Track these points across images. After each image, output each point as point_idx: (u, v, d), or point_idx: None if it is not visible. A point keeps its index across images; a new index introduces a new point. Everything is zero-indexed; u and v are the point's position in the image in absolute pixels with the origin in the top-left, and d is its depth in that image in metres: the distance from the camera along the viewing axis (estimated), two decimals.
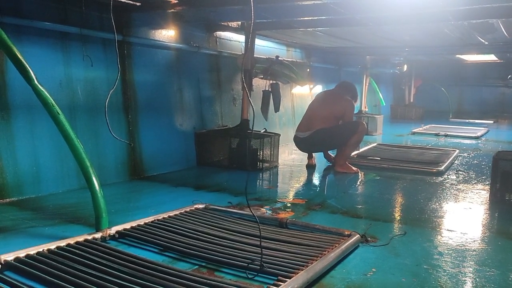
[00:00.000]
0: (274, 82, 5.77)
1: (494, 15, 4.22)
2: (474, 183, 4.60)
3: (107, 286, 1.97)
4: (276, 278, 2.09)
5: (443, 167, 5.19)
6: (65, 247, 2.40)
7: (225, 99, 5.81)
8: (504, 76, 12.14)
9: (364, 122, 5.36)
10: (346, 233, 2.74)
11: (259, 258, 2.20)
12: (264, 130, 5.42)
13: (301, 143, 5.18)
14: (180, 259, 2.41)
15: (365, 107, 9.24)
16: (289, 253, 2.41)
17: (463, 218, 3.42)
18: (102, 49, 4.13)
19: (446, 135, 8.73)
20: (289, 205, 3.64)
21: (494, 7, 3.99)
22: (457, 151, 6.52)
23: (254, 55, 5.45)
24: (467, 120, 11.81)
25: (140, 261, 2.24)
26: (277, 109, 5.80)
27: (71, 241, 2.47)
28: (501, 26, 5.10)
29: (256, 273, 2.16)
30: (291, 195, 4.08)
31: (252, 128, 2.25)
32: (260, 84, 6.06)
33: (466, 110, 12.89)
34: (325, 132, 4.97)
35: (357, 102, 5.50)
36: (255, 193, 3.99)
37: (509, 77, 11.98)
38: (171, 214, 3.08)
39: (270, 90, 5.68)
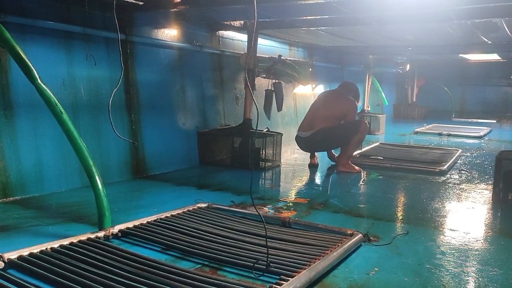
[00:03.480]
0: (277, 81, 5.77)
1: (498, 14, 4.21)
2: (477, 183, 4.59)
3: (110, 285, 1.97)
4: (278, 277, 2.09)
5: (445, 167, 5.19)
6: (68, 245, 2.40)
7: (227, 98, 5.81)
8: (507, 76, 12.10)
9: (366, 121, 5.35)
10: (349, 232, 2.74)
11: (264, 257, 2.20)
12: (266, 129, 5.43)
13: (303, 142, 5.18)
14: (183, 258, 2.42)
15: (368, 107, 9.23)
16: (291, 252, 2.41)
17: (466, 217, 3.42)
18: (105, 48, 4.14)
19: (449, 135, 8.72)
20: (291, 204, 3.64)
21: (497, 6, 3.98)
22: (460, 150, 6.51)
23: (257, 54, 5.44)
24: (470, 120, 11.79)
25: (143, 260, 2.25)
26: (279, 108, 5.80)
27: (74, 239, 2.47)
28: (505, 25, 5.09)
29: (261, 273, 2.16)
30: (293, 194, 4.08)
31: (257, 127, 2.25)
32: (262, 83, 6.06)
33: (469, 110, 12.86)
34: (327, 132, 4.97)
35: (359, 103, 5.50)
36: (258, 192, 3.99)
37: None
38: (174, 213, 3.08)
39: (272, 89, 5.68)
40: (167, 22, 4.83)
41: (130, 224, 2.78)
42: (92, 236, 2.56)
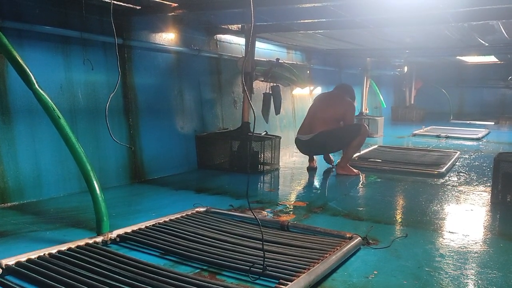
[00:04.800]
0: (275, 84, 5.78)
1: (494, 17, 4.22)
2: (476, 185, 4.60)
3: None
4: (277, 281, 2.09)
5: (444, 169, 5.19)
6: (66, 251, 2.39)
7: (225, 101, 5.81)
8: (505, 77, 12.14)
9: (366, 125, 5.34)
10: (348, 235, 2.74)
11: (261, 261, 2.19)
12: (265, 132, 5.42)
13: (303, 145, 5.17)
14: (182, 263, 2.41)
15: (366, 109, 9.24)
16: (290, 256, 2.41)
17: (465, 220, 3.42)
18: (102, 52, 4.14)
19: (447, 137, 8.73)
20: (290, 207, 3.64)
21: (494, 8, 4.00)
22: (458, 152, 6.52)
23: (255, 58, 5.45)
24: (468, 122, 11.81)
25: (141, 265, 2.24)
26: (277, 111, 5.80)
27: (72, 245, 2.47)
28: (501, 28, 5.10)
29: (258, 276, 2.16)
30: (292, 197, 4.08)
31: (253, 130, 2.25)
32: (260, 86, 6.06)
33: (467, 112, 12.89)
34: (327, 135, 4.96)
35: (355, 104, 5.51)
36: (256, 196, 3.98)
37: (509, 78, 11.98)
38: (172, 217, 3.07)
39: (270, 92, 5.69)
40: (165, 26, 4.84)
41: (128, 229, 2.78)
42: (90, 241, 2.55)
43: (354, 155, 5.63)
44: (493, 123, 11.71)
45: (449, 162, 5.63)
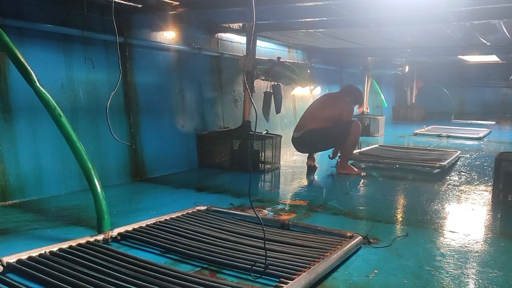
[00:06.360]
0: (276, 83, 5.78)
1: (496, 16, 4.22)
2: (477, 184, 4.59)
3: None
4: (278, 280, 2.09)
5: (446, 162, 5.19)
6: (67, 249, 2.40)
7: (226, 100, 5.81)
8: (506, 77, 12.11)
9: (358, 122, 5.28)
10: (348, 234, 2.74)
11: (263, 260, 2.19)
12: (265, 131, 5.42)
13: (296, 143, 5.18)
14: (182, 261, 2.41)
15: (367, 108, 9.23)
16: (291, 255, 2.41)
17: (466, 219, 3.41)
18: (103, 51, 4.14)
19: (448, 136, 8.72)
20: (290, 206, 3.64)
21: (496, 7, 3.99)
22: (459, 152, 6.50)
23: (256, 57, 5.45)
24: (469, 121, 11.79)
25: (142, 263, 2.24)
26: (278, 110, 5.80)
27: (73, 243, 2.47)
28: (503, 27, 5.09)
29: (259, 275, 2.16)
30: (293, 196, 4.08)
31: (255, 129, 2.25)
32: (261, 85, 6.06)
33: (468, 111, 12.87)
34: (316, 132, 4.94)
35: (362, 107, 5.46)
36: (257, 195, 3.98)
37: (511, 78, 11.96)
38: (173, 216, 3.08)
39: (271, 91, 5.69)
40: (166, 25, 4.84)
41: (129, 227, 2.78)
42: (91, 239, 2.56)
43: (354, 153, 5.62)
44: (494, 122, 11.70)
45: (450, 160, 5.62)
